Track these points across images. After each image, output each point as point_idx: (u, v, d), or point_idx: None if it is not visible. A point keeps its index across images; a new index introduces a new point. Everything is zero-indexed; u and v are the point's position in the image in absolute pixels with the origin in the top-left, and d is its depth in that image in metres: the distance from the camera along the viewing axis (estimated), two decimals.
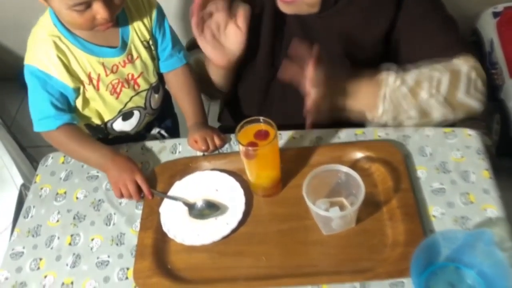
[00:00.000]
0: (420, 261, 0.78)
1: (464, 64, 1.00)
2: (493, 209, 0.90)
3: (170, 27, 1.11)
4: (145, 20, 1.05)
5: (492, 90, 1.79)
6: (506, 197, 1.74)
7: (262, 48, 1.11)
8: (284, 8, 1.03)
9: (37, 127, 1.04)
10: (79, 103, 1.06)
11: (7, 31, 2.22)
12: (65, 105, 1.04)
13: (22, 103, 2.23)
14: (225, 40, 1.05)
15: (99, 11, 0.91)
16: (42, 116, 1.02)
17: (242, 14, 1.02)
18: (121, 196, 0.99)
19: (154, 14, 1.06)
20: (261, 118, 0.91)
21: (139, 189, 0.98)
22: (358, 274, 0.84)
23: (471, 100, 0.99)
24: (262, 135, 0.90)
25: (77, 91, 1.04)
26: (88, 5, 0.91)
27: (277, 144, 0.91)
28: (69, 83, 1.01)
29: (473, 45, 1.96)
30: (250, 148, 0.88)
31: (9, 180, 1.31)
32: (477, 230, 0.81)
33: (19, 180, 1.31)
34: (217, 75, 1.15)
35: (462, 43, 1.05)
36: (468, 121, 1.73)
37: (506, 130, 1.68)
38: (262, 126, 0.91)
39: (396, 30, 1.07)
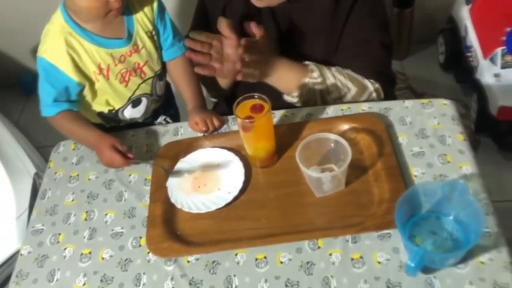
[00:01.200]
0: (403, 211, 0.88)
1: (372, 84, 1.18)
2: (468, 166, 1.00)
3: (170, 18, 1.20)
4: (147, 12, 1.15)
5: (469, 71, 1.91)
6: (484, 169, 1.85)
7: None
8: (257, 2, 1.13)
9: (42, 112, 1.15)
10: (89, 94, 1.15)
11: (8, 38, 2.28)
12: (65, 97, 1.13)
13: (24, 109, 2.30)
14: (227, 61, 1.10)
15: None
16: (43, 104, 1.13)
17: (224, 26, 1.08)
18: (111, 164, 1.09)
19: (156, 6, 1.16)
20: (256, 94, 1.00)
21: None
22: (349, 228, 0.93)
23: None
24: (258, 109, 0.99)
25: (81, 85, 1.12)
26: None
27: (271, 117, 1.01)
28: (74, 77, 1.10)
29: (448, 31, 2.07)
30: (247, 120, 0.97)
31: (23, 169, 1.40)
32: (451, 181, 0.90)
33: (32, 170, 1.40)
34: (224, 83, 1.29)
35: (380, 65, 1.21)
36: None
37: (483, 107, 1.79)
38: (257, 101, 1.00)
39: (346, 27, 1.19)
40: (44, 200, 1.10)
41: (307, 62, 1.18)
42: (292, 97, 1.18)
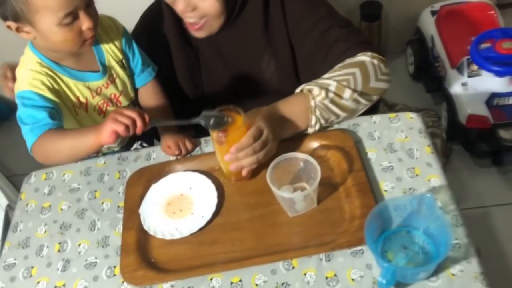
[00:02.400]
0: (374, 227, 0.89)
1: (364, 56, 1.12)
2: (436, 178, 1.01)
3: (137, 45, 1.21)
4: (115, 41, 1.16)
5: (438, 81, 1.95)
6: (458, 176, 1.89)
7: (181, 77, 1.26)
8: (198, 33, 1.16)
9: (28, 142, 1.05)
10: (69, 127, 1.14)
11: None
12: (58, 118, 1.07)
13: None
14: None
15: (84, 22, 1.01)
16: (32, 126, 1.04)
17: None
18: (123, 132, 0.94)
19: (122, 33, 1.17)
20: (230, 106, 1.00)
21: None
22: (323, 246, 0.93)
23: (380, 84, 1.12)
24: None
25: (62, 113, 1.11)
26: (74, 17, 1.00)
27: (245, 129, 1.00)
28: (60, 105, 1.09)
29: (416, 42, 2.12)
30: (220, 134, 0.98)
31: None
32: (419, 195, 0.92)
33: (4, 201, 1.38)
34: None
35: (354, 37, 1.15)
36: (421, 111, 1.89)
37: (453, 116, 1.83)
38: (231, 113, 1.00)
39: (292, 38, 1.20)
40: (16, 233, 1.08)
41: (297, 89, 1.11)
42: (311, 127, 1.10)
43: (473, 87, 1.78)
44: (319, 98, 1.06)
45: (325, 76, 1.10)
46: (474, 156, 1.88)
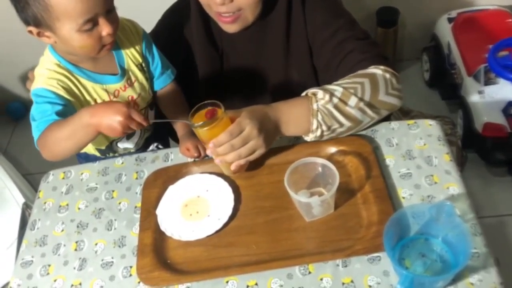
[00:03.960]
0: (392, 234, 0.89)
1: (377, 69, 1.10)
2: (455, 187, 1.01)
3: (156, 47, 1.22)
4: (135, 44, 1.17)
5: (453, 88, 1.94)
6: (473, 185, 1.87)
7: (202, 77, 1.26)
8: (231, 27, 1.13)
9: (35, 135, 1.05)
10: None
11: None
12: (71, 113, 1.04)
13: (12, 136, 2.31)
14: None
15: (104, 27, 1.01)
16: (39, 121, 1.04)
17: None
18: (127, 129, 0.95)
19: (142, 37, 1.18)
20: (209, 101, 0.98)
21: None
22: (339, 252, 0.93)
23: (390, 98, 1.09)
24: (211, 114, 0.97)
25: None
26: (94, 23, 1.01)
27: (229, 122, 0.98)
28: (74, 104, 1.09)
29: (432, 49, 2.11)
30: (204, 128, 0.96)
31: (11, 200, 1.39)
32: (438, 203, 0.91)
33: (21, 199, 1.39)
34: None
35: (370, 50, 1.14)
36: (436, 118, 1.88)
37: (469, 124, 1.82)
38: (209, 108, 0.98)
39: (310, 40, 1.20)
40: (34, 231, 1.09)
41: (303, 93, 1.08)
42: (312, 133, 1.06)
43: (490, 95, 1.76)
44: (322, 101, 1.03)
45: (333, 83, 1.09)
46: (490, 164, 1.86)
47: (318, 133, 1.06)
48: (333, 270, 0.91)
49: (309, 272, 0.92)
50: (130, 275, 0.98)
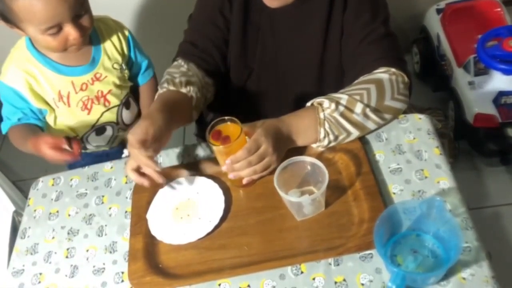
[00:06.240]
0: (383, 231, 0.88)
1: (384, 73, 1.10)
2: (445, 181, 1.01)
3: (139, 43, 1.23)
4: (116, 42, 1.17)
5: (444, 80, 1.93)
6: (466, 176, 1.87)
7: (235, 53, 1.22)
8: (273, 2, 1.12)
9: (3, 129, 1.23)
10: (50, 119, 1.18)
11: None
12: (34, 117, 1.19)
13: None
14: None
15: (70, 32, 1.02)
16: (5, 119, 1.20)
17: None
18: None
19: (127, 37, 1.18)
20: (226, 117, 1.00)
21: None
22: (331, 250, 0.93)
23: (396, 103, 1.09)
24: (224, 140, 0.99)
25: (42, 110, 1.17)
26: (59, 28, 1.01)
27: (245, 139, 1.00)
28: (33, 102, 1.15)
29: (422, 41, 2.10)
30: (221, 146, 0.98)
31: (1, 208, 1.38)
32: (428, 198, 0.91)
33: (11, 207, 1.38)
34: None
35: (388, 50, 1.14)
36: (427, 110, 1.88)
37: (460, 115, 1.81)
38: (229, 125, 1.00)
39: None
40: (24, 239, 1.09)
41: (309, 103, 1.09)
42: (320, 142, 1.07)
43: (480, 85, 1.76)
44: (329, 110, 1.04)
45: (339, 91, 1.09)
46: (482, 155, 1.86)
47: (325, 142, 1.06)
48: (326, 269, 0.91)
49: (302, 272, 0.91)
50: (122, 281, 0.97)
